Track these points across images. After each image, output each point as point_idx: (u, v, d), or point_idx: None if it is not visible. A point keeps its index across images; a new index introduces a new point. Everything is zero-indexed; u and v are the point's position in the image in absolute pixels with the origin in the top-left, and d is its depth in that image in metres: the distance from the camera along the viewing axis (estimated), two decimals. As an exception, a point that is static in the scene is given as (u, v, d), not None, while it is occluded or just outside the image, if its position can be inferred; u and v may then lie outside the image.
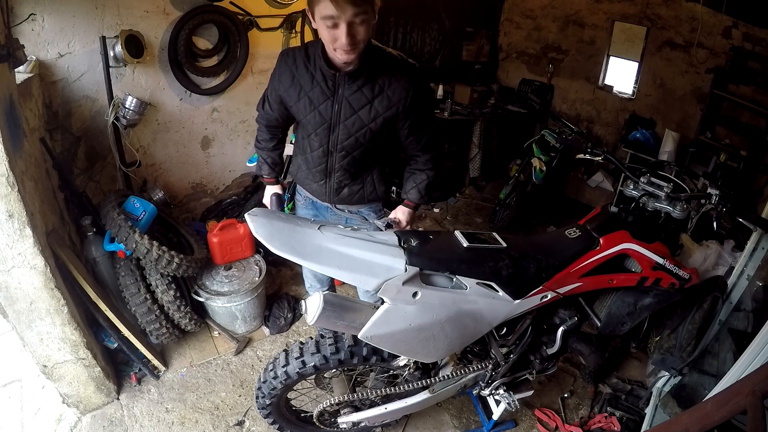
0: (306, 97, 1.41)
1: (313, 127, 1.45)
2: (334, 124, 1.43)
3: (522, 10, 4.39)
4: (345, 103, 1.39)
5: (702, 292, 1.96)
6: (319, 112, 1.41)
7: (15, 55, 1.51)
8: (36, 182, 1.67)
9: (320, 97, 1.39)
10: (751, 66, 3.07)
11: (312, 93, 1.40)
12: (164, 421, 1.94)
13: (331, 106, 1.40)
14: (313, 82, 1.39)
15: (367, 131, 1.43)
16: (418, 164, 1.61)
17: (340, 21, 1.17)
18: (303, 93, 1.41)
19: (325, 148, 1.49)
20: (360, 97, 1.38)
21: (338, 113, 1.40)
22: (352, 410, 1.62)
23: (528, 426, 2.05)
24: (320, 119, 1.42)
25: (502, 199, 3.51)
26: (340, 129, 1.43)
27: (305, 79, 1.39)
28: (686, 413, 0.90)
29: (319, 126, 1.44)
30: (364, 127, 1.42)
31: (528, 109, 4.28)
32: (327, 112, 1.41)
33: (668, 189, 1.52)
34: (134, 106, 2.32)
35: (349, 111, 1.39)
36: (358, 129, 1.42)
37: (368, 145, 1.47)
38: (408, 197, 1.62)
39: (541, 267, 1.34)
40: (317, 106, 1.41)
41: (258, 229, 1.10)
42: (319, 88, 1.39)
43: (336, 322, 1.23)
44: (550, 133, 3.30)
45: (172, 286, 2.07)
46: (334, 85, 1.37)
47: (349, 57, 1.26)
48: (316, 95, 1.40)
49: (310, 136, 1.49)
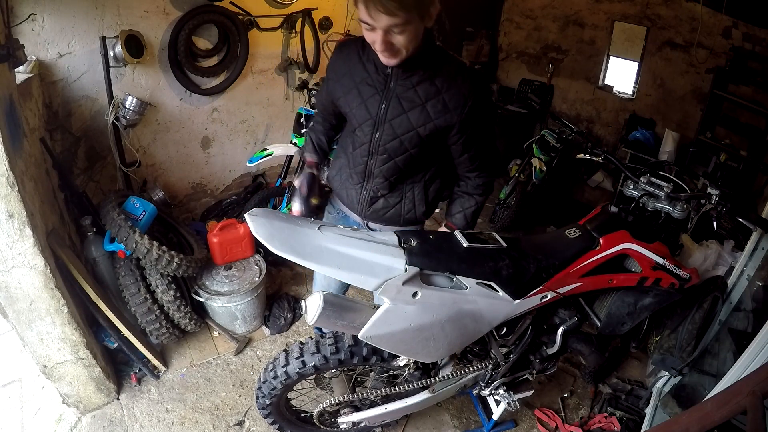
0: (355, 89, 1.32)
1: (358, 122, 1.35)
2: (380, 122, 1.31)
3: (522, 10, 4.39)
4: (394, 100, 1.27)
5: (702, 292, 1.96)
6: (366, 106, 1.31)
7: (15, 55, 1.51)
8: (36, 182, 1.67)
9: (369, 90, 1.30)
10: (751, 66, 3.06)
11: (362, 84, 1.30)
12: (164, 421, 1.94)
13: (379, 101, 1.29)
14: (365, 73, 1.30)
15: (414, 135, 1.29)
16: (467, 187, 1.46)
17: (377, 29, 1.10)
18: (353, 84, 1.32)
19: (366, 147, 1.37)
20: (413, 96, 1.26)
21: (385, 110, 1.29)
22: (352, 410, 1.62)
23: (528, 426, 2.05)
24: (366, 114, 1.32)
25: (502, 199, 3.50)
26: (384, 128, 1.31)
27: (357, 69, 1.31)
28: (686, 413, 0.90)
29: (364, 121, 1.33)
30: (412, 130, 1.29)
31: (528, 109, 4.28)
32: (374, 107, 1.30)
33: (668, 189, 1.52)
34: (134, 106, 2.32)
35: (397, 110, 1.27)
36: (404, 131, 1.29)
37: (414, 153, 1.33)
38: (453, 221, 1.49)
39: (541, 267, 1.33)
40: (365, 99, 1.31)
41: (258, 229, 1.09)
42: (370, 80, 1.29)
43: (336, 322, 1.23)
44: (550, 133, 3.30)
45: (172, 286, 2.07)
46: (386, 78, 1.27)
47: (390, 61, 1.18)
48: (365, 87, 1.30)
49: (355, 131, 1.38)
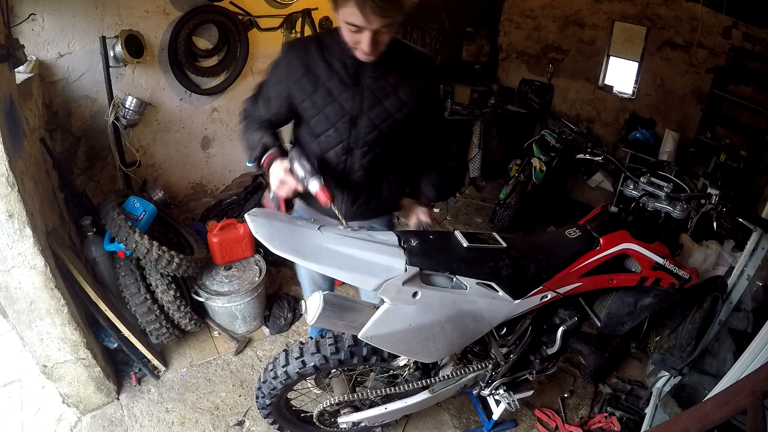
0: (323, 88, 1.29)
1: (332, 121, 1.33)
2: (357, 116, 1.32)
3: (522, 10, 4.39)
4: (368, 93, 1.30)
5: (702, 292, 1.97)
6: (340, 103, 1.30)
7: (15, 55, 1.51)
8: (36, 182, 1.67)
9: (340, 87, 1.29)
10: (751, 66, 3.07)
11: (331, 82, 1.29)
12: (164, 421, 1.94)
13: (352, 96, 1.30)
14: (332, 71, 1.28)
15: (392, 123, 1.35)
16: (427, 164, 1.58)
17: (366, 30, 1.13)
18: (320, 83, 1.29)
19: (345, 145, 1.36)
20: (384, 85, 1.30)
21: (361, 104, 1.31)
22: (352, 410, 1.62)
23: (528, 426, 2.05)
24: (341, 111, 1.31)
25: (502, 199, 3.51)
26: (363, 122, 1.33)
27: (321, 67, 1.28)
28: (686, 413, 0.90)
29: (339, 119, 1.32)
30: (389, 117, 1.34)
31: (528, 109, 4.28)
32: (348, 103, 1.30)
33: (668, 189, 1.52)
34: (134, 106, 2.32)
35: (373, 101, 1.31)
36: (382, 120, 1.33)
37: (391, 140, 1.39)
38: (425, 196, 1.58)
39: (541, 267, 1.34)
40: (337, 97, 1.30)
41: (258, 230, 1.10)
42: (339, 77, 1.28)
43: (336, 322, 1.23)
44: (550, 133, 3.30)
45: (172, 286, 2.07)
46: (356, 73, 1.28)
47: (369, 59, 1.23)
48: (336, 85, 1.29)
49: (327, 132, 1.35)
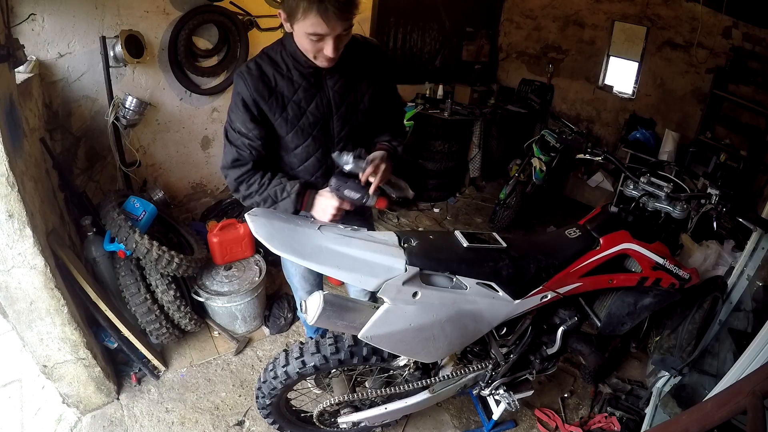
0: (292, 103, 1.33)
1: (308, 132, 1.37)
2: (328, 118, 1.38)
3: (522, 10, 4.39)
4: (333, 94, 1.35)
5: (702, 292, 1.97)
6: (311, 112, 1.35)
7: (15, 55, 1.51)
8: (36, 182, 1.67)
9: (307, 98, 1.33)
10: (751, 66, 3.07)
11: (297, 96, 1.32)
12: (164, 421, 1.94)
13: (320, 101, 1.35)
14: (294, 85, 1.31)
15: (359, 113, 1.41)
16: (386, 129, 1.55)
17: (328, 37, 1.15)
18: (287, 100, 1.32)
19: (323, 150, 1.42)
20: (344, 83, 1.36)
21: (329, 106, 1.36)
22: (352, 410, 1.62)
23: (528, 426, 2.05)
24: (314, 119, 1.36)
25: (502, 199, 3.51)
26: (335, 120, 1.39)
27: (283, 85, 1.31)
28: (686, 413, 0.90)
29: (314, 127, 1.37)
30: (356, 110, 1.40)
31: (528, 109, 4.28)
32: (319, 108, 1.35)
33: (668, 189, 1.52)
34: (134, 106, 2.32)
35: (338, 100, 1.37)
36: (351, 114, 1.40)
37: (362, 130, 1.45)
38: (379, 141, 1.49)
39: (541, 267, 1.34)
40: (307, 108, 1.34)
41: (258, 230, 1.10)
42: (303, 88, 1.32)
43: (336, 322, 1.23)
44: (550, 133, 3.30)
45: (172, 286, 2.07)
46: (317, 80, 1.33)
47: (331, 64, 1.26)
48: (302, 97, 1.33)
49: (305, 143, 1.39)
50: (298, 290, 1.81)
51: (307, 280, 1.74)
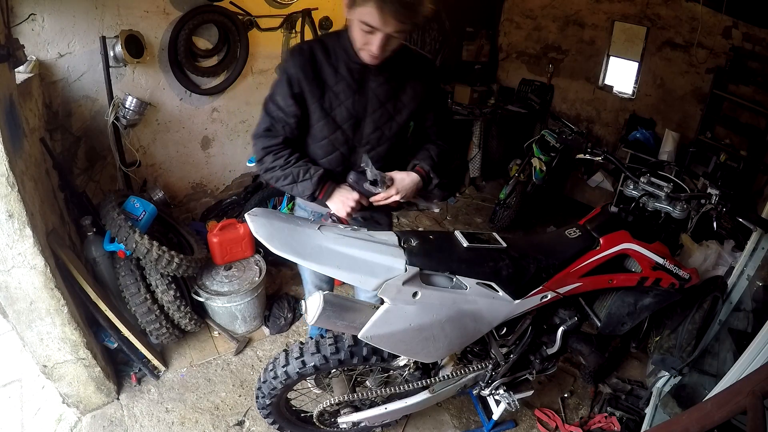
0: (331, 92, 1.33)
1: (338, 124, 1.37)
2: (362, 118, 1.38)
3: (522, 10, 4.39)
4: (372, 96, 1.35)
5: (702, 292, 1.97)
6: (346, 107, 1.35)
7: (15, 55, 1.51)
8: (36, 182, 1.67)
9: (346, 92, 1.33)
10: (751, 66, 3.07)
11: (337, 87, 1.33)
12: (164, 421, 1.94)
13: (358, 100, 1.35)
14: (338, 76, 1.32)
15: (393, 124, 1.41)
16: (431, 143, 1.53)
17: (379, 32, 1.15)
18: (327, 88, 1.33)
19: (350, 146, 1.42)
20: (387, 90, 1.36)
21: (365, 106, 1.36)
22: (352, 410, 1.62)
23: (528, 426, 2.05)
24: (347, 114, 1.36)
25: (502, 199, 3.51)
26: (366, 123, 1.38)
27: (328, 72, 1.32)
28: (686, 413, 0.90)
29: (346, 121, 1.37)
30: (391, 120, 1.40)
31: (528, 109, 4.28)
32: (354, 106, 1.35)
33: (668, 189, 1.52)
34: (134, 106, 2.32)
35: (376, 104, 1.36)
36: (385, 122, 1.39)
37: (393, 140, 1.44)
38: (420, 164, 1.44)
39: (541, 267, 1.34)
40: (343, 101, 1.34)
41: (258, 229, 1.10)
42: (345, 82, 1.33)
43: (336, 322, 1.23)
44: (550, 133, 3.30)
45: (172, 286, 2.07)
46: (361, 78, 1.33)
47: (373, 62, 1.26)
48: (342, 90, 1.33)
49: (333, 135, 1.38)
50: (307, 283, 1.85)
51: (319, 277, 1.75)
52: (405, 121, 1.42)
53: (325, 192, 1.37)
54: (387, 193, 1.36)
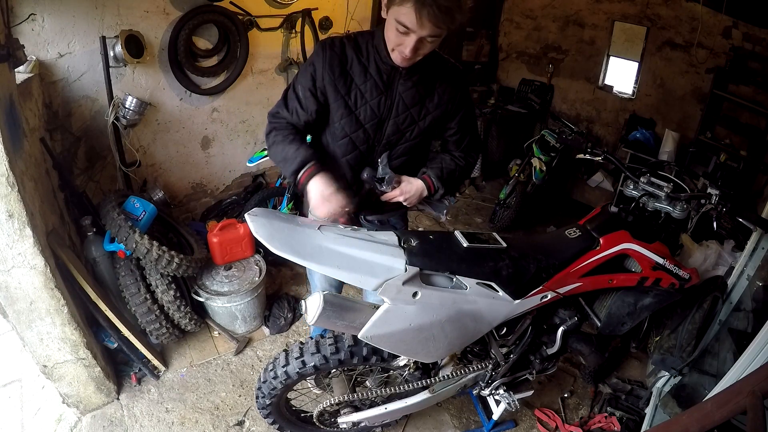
0: (357, 90, 1.34)
1: (361, 123, 1.38)
2: (385, 118, 1.38)
3: (522, 10, 4.39)
4: (399, 99, 1.36)
5: (702, 292, 1.97)
6: (371, 107, 1.35)
7: (15, 55, 1.51)
8: (36, 182, 1.67)
9: (373, 92, 1.34)
10: (751, 66, 3.07)
11: (364, 86, 1.33)
12: (164, 421, 1.94)
13: (384, 101, 1.35)
14: (366, 75, 1.33)
15: (415, 128, 1.41)
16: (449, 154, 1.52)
17: (413, 34, 1.16)
18: (354, 86, 1.33)
19: (369, 145, 1.42)
20: (414, 94, 1.36)
21: (390, 108, 1.37)
22: (352, 410, 1.62)
23: (528, 426, 2.05)
24: (371, 114, 1.36)
25: (502, 199, 3.51)
26: (389, 124, 1.39)
27: (357, 70, 1.32)
28: (686, 413, 0.90)
29: (369, 121, 1.37)
30: (414, 124, 1.40)
31: (528, 109, 4.28)
32: (379, 107, 1.36)
33: (668, 189, 1.52)
34: (134, 106, 2.32)
35: (402, 107, 1.37)
36: (408, 125, 1.40)
37: (412, 142, 1.44)
38: (427, 173, 1.45)
39: (541, 267, 1.34)
40: (369, 101, 1.35)
41: (258, 229, 1.10)
42: (373, 82, 1.33)
43: (336, 322, 1.23)
44: (550, 133, 3.30)
45: (172, 286, 2.07)
46: (389, 78, 1.33)
47: (404, 64, 1.26)
48: (369, 89, 1.33)
49: (356, 133, 1.39)
50: (317, 287, 1.84)
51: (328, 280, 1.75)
52: (427, 126, 1.41)
53: (307, 175, 1.31)
54: (391, 193, 1.39)
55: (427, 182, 1.44)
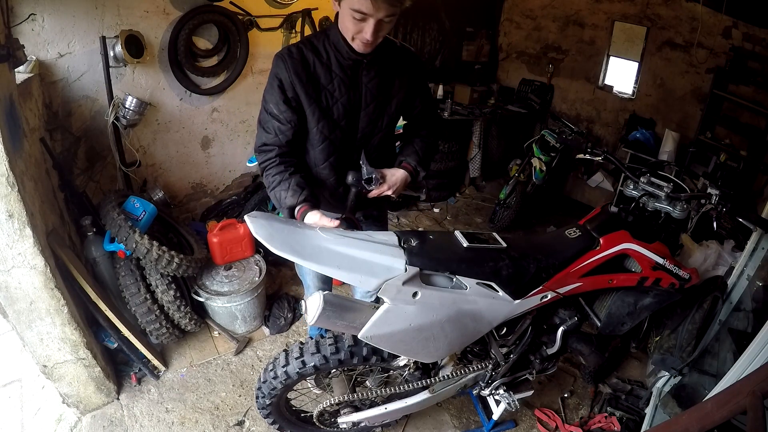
0: (326, 91, 1.36)
1: (337, 121, 1.40)
2: (357, 112, 1.42)
3: (522, 10, 4.39)
4: (366, 91, 1.39)
5: (702, 292, 1.97)
6: (342, 104, 1.38)
7: (15, 55, 1.51)
8: (36, 182, 1.67)
9: (341, 88, 1.37)
10: (751, 66, 3.07)
11: (332, 85, 1.36)
12: (164, 421, 1.94)
13: (353, 95, 1.39)
14: (332, 74, 1.35)
15: (385, 116, 1.46)
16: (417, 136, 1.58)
17: (371, 18, 1.18)
18: (322, 87, 1.36)
19: (346, 141, 1.45)
20: (378, 83, 1.40)
21: (359, 101, 1.40)
22: (352, 410, 1.62)
23: (528, 426, 2.05)
24: (344, 111, 1.39)
25: (502, 199, 3.51)
26: (361, 117, 1.43)
27: (321, 72, 1.35)
28: (686, 413, 0.90)
29: (343, 118, 1.41)
30: (383, 112, 1.45)
31: (528, 109, 4.28)
32: (350, 102, 1.39)
33: (668, 189, 1.52)
34: (134, 106, 2.32)
35: (369, 98, 1.41)
36: (378, 114, 1.44)
37: (384, 131, 1.49)
38: (406, 160, 1.51)
39: (541, 267, 1.34)
40: (339, 99, 1.38)
41: (258, 230, 1.10)
42: (339, 79, 1.36)
43: (336, 322, 1.23)
44: (550, 133, 3.31)
45: (172, 286, 2.07)
46: (353, 73, 1.37)
47: (366, 49, 1.29)
48: (337, 87, 1.36)
49: (333, 135, 1.41)
50: (310, 288, 1.84)
51: (320, 277, 1.76)
52: (394, 111, 1.47)
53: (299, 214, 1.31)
54: (380, 189, 1.43)
55: (407, 169, 1.50)
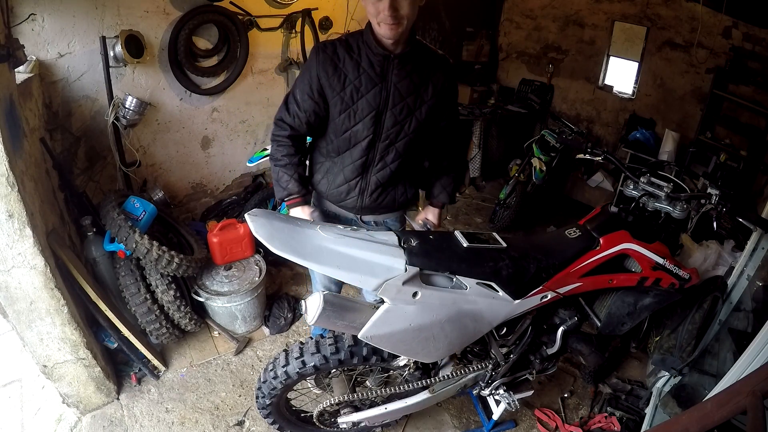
0: (352, 86, 1.38)
1: (359, 117, 1.42)
2: (382, 110, 1.41)
3: (522, 10, 4.39)
4: (394, 90, 1.39)
5: (702, 292, 1.97)
6: (367, 99, 1.39)
7: (15, 55, 1.51)
8: (36, 182, 1.67)
9: (368, 84, 1.38)
10: (751, 66, 3.07)
11: (358, 80, 1.37)
12: (164, 421, 1.94)
13: (379, 92, 1.39)
14: (359, 69, 1.37)
15: (413, 119, 1.44)
16: (444, 167, 1.69)
17: None
18: (348, 82, 1.38)
19: (370, 139, 1.45)
20: (409, 83, 1.39)
21: (386, 99, 1.40)
22: (352, 410, 1.62)
23: (528, 426, 2.05)
24: (368, 107, 1.40)
25: (502, 199, 3.51)
26: (387, 116, 1.42)
27: (349, 67, 1.37)
28: (686, 413, 0.89)
29: (366, 114, 1.41)
30: (411, 115, 1.43)
31: (528, 109, 4.28)
32: (375, 99, 1.39)
33: (668, 189, 1.52)
34: (134, 106, 2.32)
35: (398, 97, 1.40)
36: (405, 116, 1.43)
37: (411, 136, 1.47)
38: (438, 200, 1.72)
39: (541, 267, 1.34)
40: (365, 94, 1.39)
41: (258, 229, 1.10)
42: (366, 75, 1.37)
43: (336, 322, 1.23)
44: (550, 133, 3.30)
45: (172, 286, 2.07)
46: (383, 70, 1.37)
47: (392, 32, 1.27)
48: (364, 82, 1.38)
49: (354, 128, 1.43)
50: (316, 283, 1.87)
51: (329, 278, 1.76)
52: (424, 118, 1.45)
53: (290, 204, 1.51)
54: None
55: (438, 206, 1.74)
